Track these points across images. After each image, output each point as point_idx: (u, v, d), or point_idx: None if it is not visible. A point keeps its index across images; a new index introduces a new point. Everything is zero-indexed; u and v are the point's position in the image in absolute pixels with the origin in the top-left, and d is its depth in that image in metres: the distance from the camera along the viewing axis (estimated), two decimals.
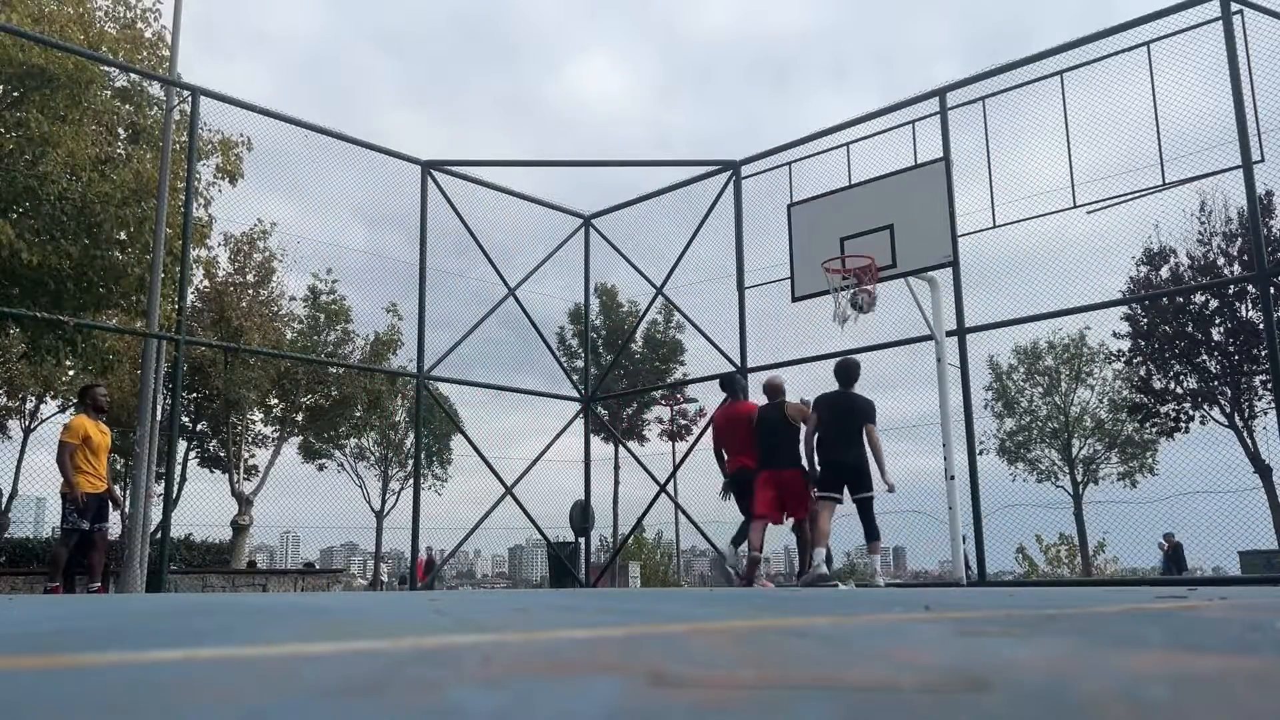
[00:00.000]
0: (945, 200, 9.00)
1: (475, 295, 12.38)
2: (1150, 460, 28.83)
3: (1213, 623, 2.09)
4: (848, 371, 8.22)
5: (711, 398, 11.97)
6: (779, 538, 8.97)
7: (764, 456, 8.21)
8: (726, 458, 8.69)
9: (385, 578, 29.11)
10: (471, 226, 12.16)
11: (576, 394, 13.55)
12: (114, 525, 15.04)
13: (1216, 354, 21.85)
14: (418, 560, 25.49)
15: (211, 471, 23.38)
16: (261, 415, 23.36)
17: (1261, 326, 13.16)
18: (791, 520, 8.26)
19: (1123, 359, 24.98)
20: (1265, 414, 20.52)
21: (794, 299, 10.02)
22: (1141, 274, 22.32)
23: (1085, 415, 30.57)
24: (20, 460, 21.36)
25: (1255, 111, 8.02)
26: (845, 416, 8.00)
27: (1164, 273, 22.39)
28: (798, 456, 8.17)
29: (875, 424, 7.98)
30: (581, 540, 14.97)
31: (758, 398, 8.94)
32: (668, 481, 13.37)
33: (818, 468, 8.07)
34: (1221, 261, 21.28)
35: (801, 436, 8.21)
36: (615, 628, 1.90)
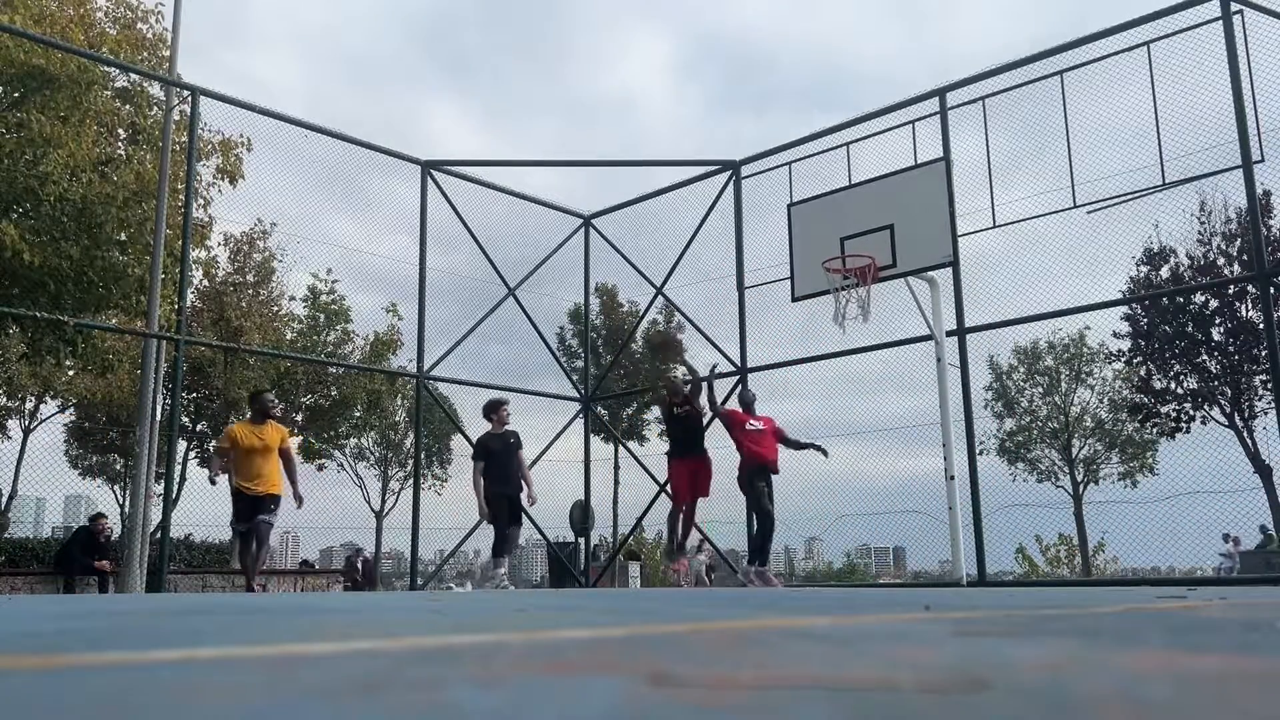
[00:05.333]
0: (945, 200, 9.00)
1: (475, 295, 12.40)
2: (1150, 460, 28.80)
3: (1213, 623, 2.09)
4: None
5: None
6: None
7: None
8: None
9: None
10: (472, 227, 12.17)
11: (576, 394, 13.55)
12: (114, 525, 15.06)
13: (1216, 354, 21.84)
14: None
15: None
16: None
17: (1261, 326, 13.16)
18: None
19: (1123, 359, 24.97)
20: (1265, 414, 20.51)
21: (794, 299, 10.02)
22: (1141, 274, 22.31)
23: (1085, 415, 30.55)
24: (20, 460, 21.36)
25: (1255, 111, 8.02)
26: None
27: (1164, 273, 22.38)
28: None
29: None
30: (581, 540, 14.98)
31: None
32: (668, 481, 13.35)
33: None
34: (1221, 261, 21.28)
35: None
36: (615, 628, 1.90)
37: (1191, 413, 22.54)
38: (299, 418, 24.02)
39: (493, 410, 9.19)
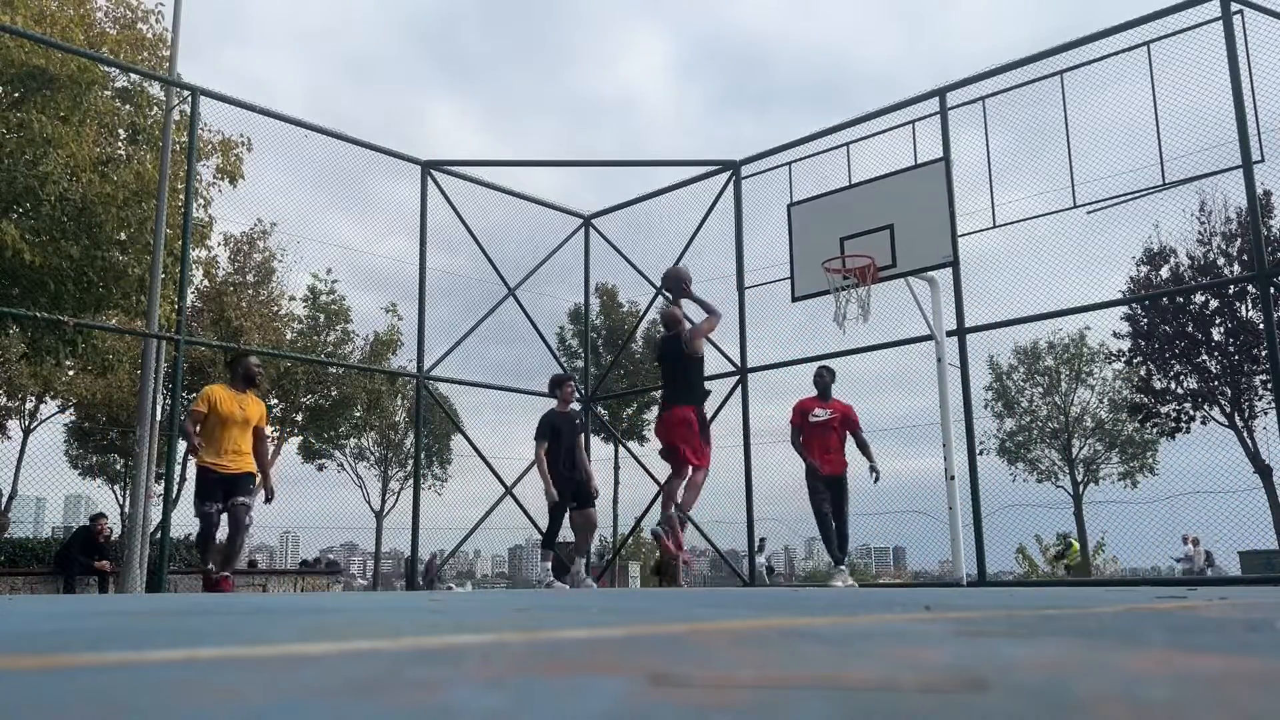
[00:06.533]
0: (945, 200, 9.00)
1: (475, 295, 12.40)
2: (1150, 460, 28.82)
3: (1213, 623, 2.09)
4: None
5: (712, 398, 11.94)
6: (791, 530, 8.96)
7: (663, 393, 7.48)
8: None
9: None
10: (472, 227, 12.17)
11: (576, 394, 13.55)
12: (114, 525, 15.05)
13: (1216, 354, 21.85)
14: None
15: None
16: None
17: (1261, 326, 13.16)
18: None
19: (1123, 359, 24.98)
20: (1265, 414, 20.53)
21: (794, 299, 10.02)
22: (1141, 274, 22.33)
23: (1085, 415, 30.56)
24: (20, 460, 21.35)
25: (1255, 111, 8.02)
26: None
27: (1164, 273, 22.39)
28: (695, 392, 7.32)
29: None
30: None
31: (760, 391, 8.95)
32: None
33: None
34: (1221, 261, 21.29)
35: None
36: (615, 628, 1.90)
37: (1191, 413, 22.56)
38: (299, 418, 24.05)
39: (560, 385, 8.46)
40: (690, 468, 7.11)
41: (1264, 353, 16.94)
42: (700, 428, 7.25)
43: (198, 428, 7.14)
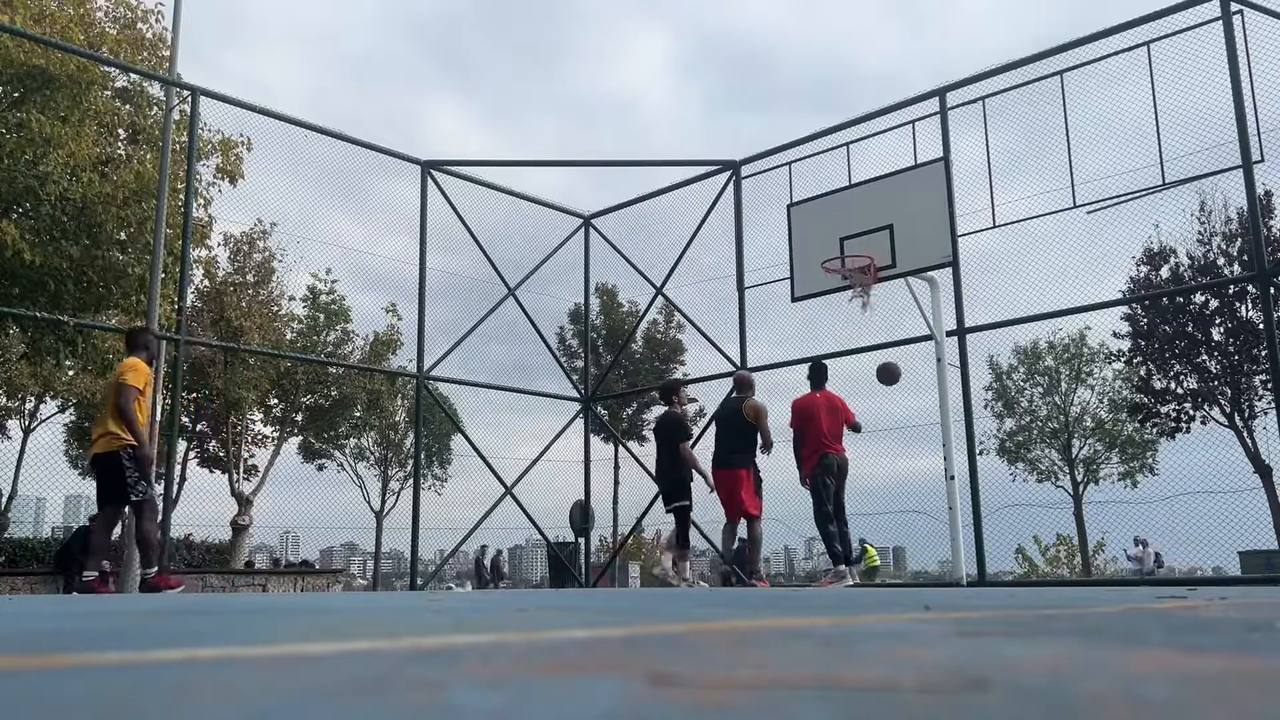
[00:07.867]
0: (945, 200, 8.99)
1: (475, 295, 12.40)
2: (1151, 460, 28.80)
3: (1213, 623, 2.09)
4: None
5: (712, 398, 11.96)
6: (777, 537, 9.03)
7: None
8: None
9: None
10: (472, 227, 12.17)
11: (576, 394, 13.55)
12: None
13: (1216, 354, 21.84)
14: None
15: (211, 471, 23.38)
16: (261, 415, 23.37)
17: (1261, 326, 13.16)
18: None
19: (1123, 359, 24.97)
20: (1265, 414, 20.52)
21: (794, 299, 10.02)
22: (1141, 274, 22.32)
23: (1085, 415, 30.55)
24: (20, 460, 21.36)
25: (1255, 111, 8.02)
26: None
27: (1164, 273, 22.38)
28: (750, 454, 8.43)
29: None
30: (581, 540, 14.98)
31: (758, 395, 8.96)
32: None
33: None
34: (1221, 261, 21.28)
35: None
36: (615, 628, 1.90)
37: (1191, 413, 22.54)
38: (299, 418, 24.06)
39: (677, 391, 9.15)
40: (744, 519, 8.36)
41: (1264, 353, 16.96)
42: (756, 485, 8.46)
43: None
